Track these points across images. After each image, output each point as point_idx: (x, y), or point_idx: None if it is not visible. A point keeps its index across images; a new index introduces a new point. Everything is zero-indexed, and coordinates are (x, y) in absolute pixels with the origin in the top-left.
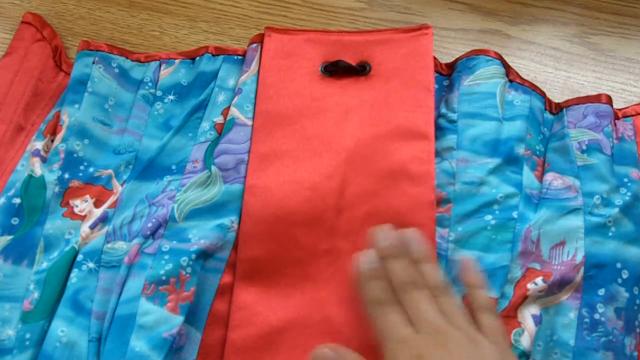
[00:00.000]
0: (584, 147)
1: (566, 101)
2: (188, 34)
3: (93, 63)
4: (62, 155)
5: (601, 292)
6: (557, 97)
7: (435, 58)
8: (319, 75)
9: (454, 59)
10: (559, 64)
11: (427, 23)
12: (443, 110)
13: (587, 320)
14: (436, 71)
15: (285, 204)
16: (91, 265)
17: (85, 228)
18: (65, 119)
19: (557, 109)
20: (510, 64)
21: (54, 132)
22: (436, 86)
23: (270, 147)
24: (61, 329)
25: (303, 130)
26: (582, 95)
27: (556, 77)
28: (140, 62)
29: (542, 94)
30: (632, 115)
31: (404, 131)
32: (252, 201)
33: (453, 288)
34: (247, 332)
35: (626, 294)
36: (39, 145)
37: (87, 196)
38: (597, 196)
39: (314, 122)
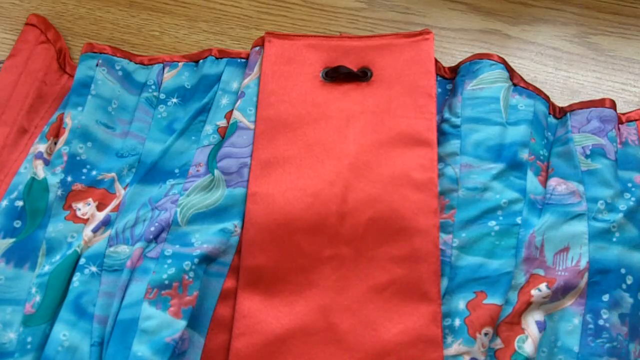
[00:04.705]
0: (588, 152)
1: (570, 105)
2: (188, 34)
3: (97, 66)
4: (65, 158)
5: (605, 297)
6: (557, 97)
7: (437, 61)
8: (320, 81)
9: (454, 58)
10: (559, 64)
11: (427, 23)
12: (446, 115)
13: (591, 326)
14: (439, 75)
15: (288, 211)
16: (93, 269)
17: (87, 231)
18: (68, 121)
19: (561, 114)
20: (510, 64)
21: (57, 135)
22: (439, 90)
23: (272, 153)
24: (63, 332)
25: (305, 136)
26: (582, 95)
27: (556, 77)
28: (144, 64)
29: (546, 98)
30: (636, 120)
31: (406, 138)
32: (255, 208)
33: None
34: (251, 341)
35: (630, 300)
36: (42, 147)
37: (90, 199)
38: (601, 201)
39: (316, 128)
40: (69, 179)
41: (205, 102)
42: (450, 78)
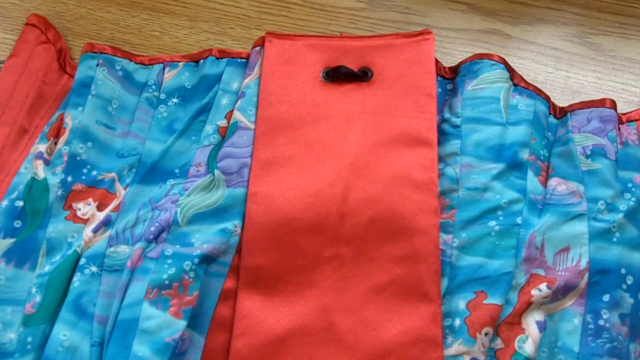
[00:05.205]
0: (588, 152)
1: (570, 105)
2: (188, 34)
3: (97, 66)
4: (65, 158)
5: (606, 298)
6: (557, 97)
7: (438, 61)
8: (321, 81)
9: (454, 59)
10: (560, 64)
11: (428, 23)
12: (447, 115)
13: (591, 326)
14: (439, 75)
15: (288, 211)
16: (94, 269)
17: (87, 232)
18: (68, 121)
19: (561, 114)
20: (511, 64)
21: (57, 135)
22: (439, 90)
23: (273, 154)
24: (63, 333)
25: (305, 136)
26: (582, 95)
27: (556, 77)
28: (144, 64)
29: (547, 98)
30: (636, 120)
31: (406, 138)
32: (255, 209)
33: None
34: (251, 341)
35: (631, 300)
36: (42, 147)
37: (90, 199)
38: (602, 201)
39: (316, 128)
40: (69, 179)
41: (206, 102)
42: (451, 78)
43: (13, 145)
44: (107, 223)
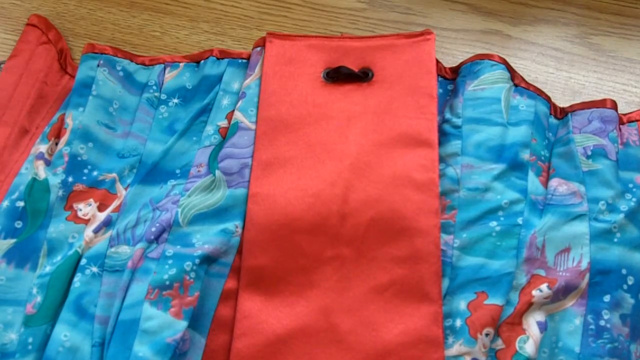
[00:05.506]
0: (589, 153)
1: (571, 106)
2: (189, 35)
3: (98, 66)
4: (66, 159)
5: (606, 298)
6: (558, 98)
7: (439, 62)
8: (321, 82)
9: (455, 59)
10: (560, 65)
11: (429, 24)
12: (447, 115)
13: (592, 326)
14: (440, 75)
15: (289, 211)
16: (94, 269)
17: (88, 232)
18: (69, 122)
19: (562, 114)
20: (512, 64)
21: (58, 135)
22: (440, 90)
23: (273, 154)
24: (64, 333)
25: (306, 137)
26: (583, 95)
27: (557, 78)
28: (145, 65)
29: (548, 99)
30: (637, 120)
31: (407, 138)
32: (256, 209)
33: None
34: (252, 341)
35: (632, 300)
36: (43, 148)
37: (91, 200)
38: (602, 202)
39: (317, 128)
40: (70, 179)
41: (207, 103)
42: (452, 79)
43: (14, 145)
44: (108, 223)
